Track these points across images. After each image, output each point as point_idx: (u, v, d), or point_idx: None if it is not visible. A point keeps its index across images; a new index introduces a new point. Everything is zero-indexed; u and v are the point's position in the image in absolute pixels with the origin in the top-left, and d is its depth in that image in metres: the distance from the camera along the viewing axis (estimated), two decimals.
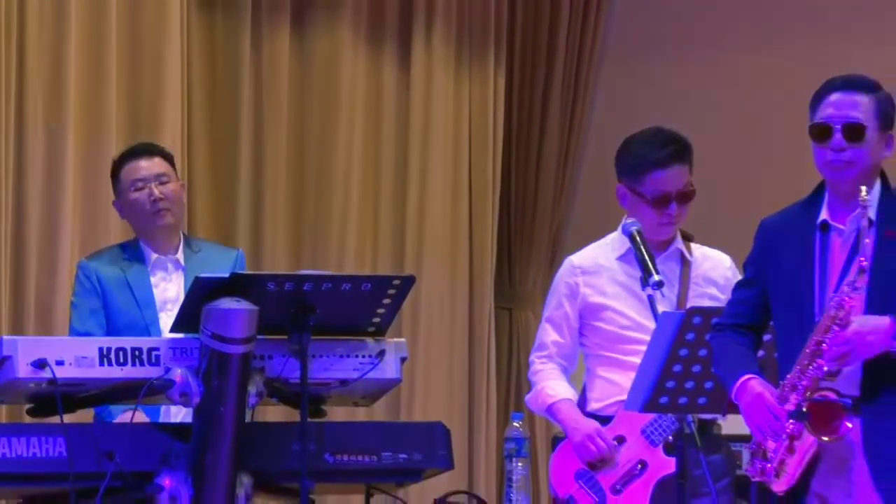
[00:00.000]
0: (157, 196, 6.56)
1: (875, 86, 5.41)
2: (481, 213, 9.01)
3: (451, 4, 8.89)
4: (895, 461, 5.29)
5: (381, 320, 6.29)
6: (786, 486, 5.28)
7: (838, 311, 5.23)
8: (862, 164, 5.34)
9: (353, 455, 6.34)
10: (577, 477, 6.29)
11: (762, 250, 5.49)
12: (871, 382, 5.31)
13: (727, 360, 5.47)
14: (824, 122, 5.34)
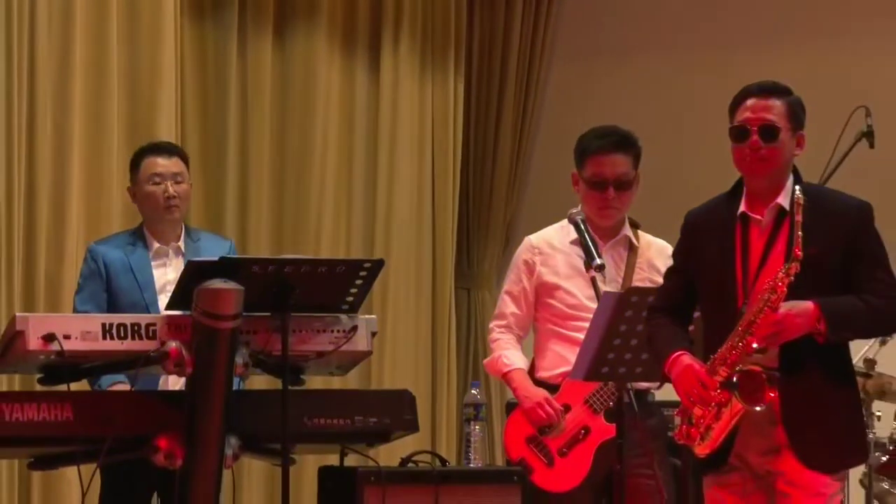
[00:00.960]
0: (170, 193, 6.56)
1: (787, 91, 5.44)
2: (443, 204, 9.01)
3: (416, 17, 8.89)
4: (807, 426, 5.31)
5: (353, 299, 6.29)
6: (708, 450, 5.30)
7: (771, 295, 5.22)
8: (776, 162, 5.35)
9: (329, 419, 6.34)
10: (528, 441, 6.31)
11: (688, 240, 5.50)
12: (789, 357, 5.32)
13: (661, 340, 5.46)
14: (742, 124, 5.36)
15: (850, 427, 5.41)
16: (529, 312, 6.39)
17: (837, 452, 5.36)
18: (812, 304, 5.23)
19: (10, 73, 7.26)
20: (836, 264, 5.32)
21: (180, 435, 5.97)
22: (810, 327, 5.23)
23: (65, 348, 5.92)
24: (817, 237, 5.30)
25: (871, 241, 5.36)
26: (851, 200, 5.42)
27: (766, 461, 5.39)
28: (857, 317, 5.29)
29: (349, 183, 8.71)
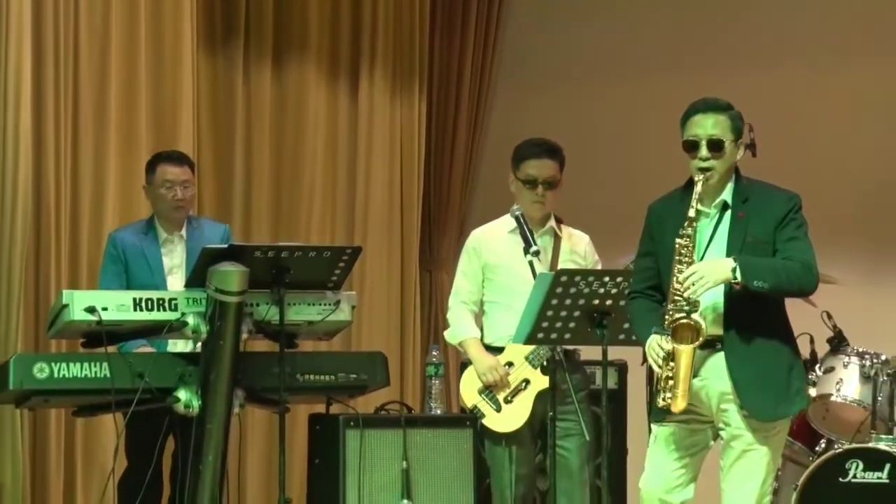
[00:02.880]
0: (179, 197, 6.56)
1: (728, 106, 5.35)
2: (409, 202, 8.99)
3: (388, 50, 8.86)
4: (753, 383, 5.22)
5: (337, 278, 6.30)
6: (684, 403, 5.13)
7: (681, 257, 5.17)
8: (722, 169, 5.26)
9: (317, 375, 6.35)
10: (480, 392, 6.31)
11: (652, 227, 5.39)
12: (730, 322, 5.22)
13: (640, 322, 5.34)
14: (692, 138, 5.27)
15: (790, 380, 5.29)
16: (479, 289, 6.39)
17: (777, 402, 5.26)
18: (730, 258, 5.15)
19: (58, 99, 7.23)
20: (773, 241, 5.25)
21: (197, 388, 5.96)
22: (726, 274, 5.11)
23: (103, 318, 5.91)
24: (758, 222, 5.26)
25: (795, 221, 5.28)
26: (783, 192, 5.35)
27: (717, 409, 5.27)
28: (769, 269, 5.17)
29: (333, 184, 8.69)
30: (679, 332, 5.14)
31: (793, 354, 5.34)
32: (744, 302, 5.17)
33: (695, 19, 9.14)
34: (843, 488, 6.77)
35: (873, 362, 7.17)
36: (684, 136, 5.29)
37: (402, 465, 6.63)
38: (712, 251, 5.25)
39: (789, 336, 5.35)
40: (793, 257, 5.21)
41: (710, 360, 5.23)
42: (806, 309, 7.48)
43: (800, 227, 5.27)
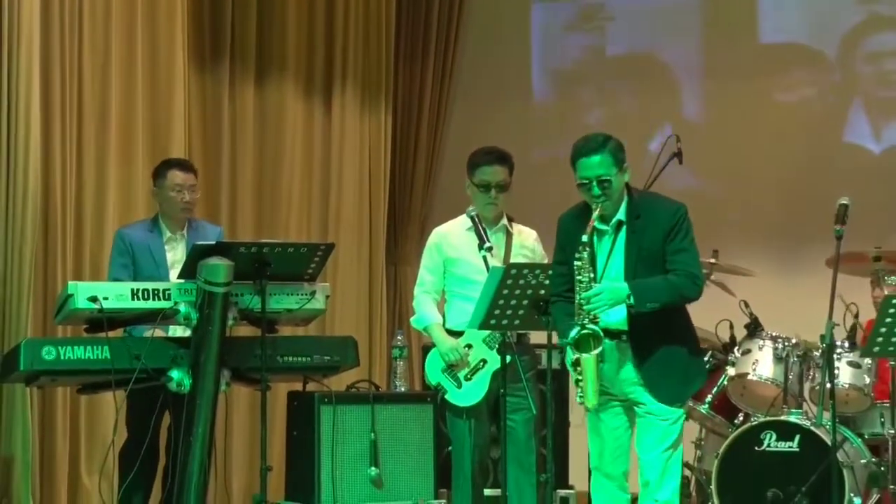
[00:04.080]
0: (187, 200, 6.51)
1: (606, 141, 5.30)
2: (376, 204, 8.96)
3: (358, 71, 8.84)
4: (656, 371, 5.28)
5: (313, 271, 6.26)
6: (595, 402, 5.19)
7: (580, 274, 5.21)
8: (613, 196, 5.29)
9: (295, 357, 6.31)
10: (443, 371, 6.27)
11: (563, 237, 5.42)
12: (636, 318, 5.25)
13: (561, 326, 5.36)
14: (583, 181, 5.27)
15: (688, 367, 5.34)
16: (440, 280, 6.35)
17: (679, 387, 5.32)
18: (626, 285, 5.20)
19: (64, 112, 7.16)
20: (664, 250, 5.27)
21: (188, 369, 5.90)
22: (622, 298, 5.17)
23: (104, 307, 5.84)
24: (649, 235, 5.28)
25: (682, 232, 5.28)
26: (672, 203, 5.35)
27: (628, 393, 5.34)
28: (658, 290, 5.20)
29: (309, 189, 8.66)
30: (582, 343, 5.18)
31: (692, 343, 5.40)
32: None
33: (636, 38, 9.15)
34: (758, 456, 6.78)
35: (785, 345, 7.18)
36: (577, 178, 5.29)
37: (370, 436, 6.61)
38: (612, 265, 5.30)
39: (688, 326, 5.41)
40: (679, 270, 5.25)
41: (620, 350, 5.29)
42: (726, 297, 7.51)
43: (686, 237, 5.29)
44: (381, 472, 6.62)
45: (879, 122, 8.72)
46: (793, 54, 8.84)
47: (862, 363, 7.02)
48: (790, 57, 8.84)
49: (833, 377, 6.56)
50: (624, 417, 5.37)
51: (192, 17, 7.90)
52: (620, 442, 5.35)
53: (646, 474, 5.30)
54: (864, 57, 8.74)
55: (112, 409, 6.68)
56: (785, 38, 8.88)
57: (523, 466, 6.11)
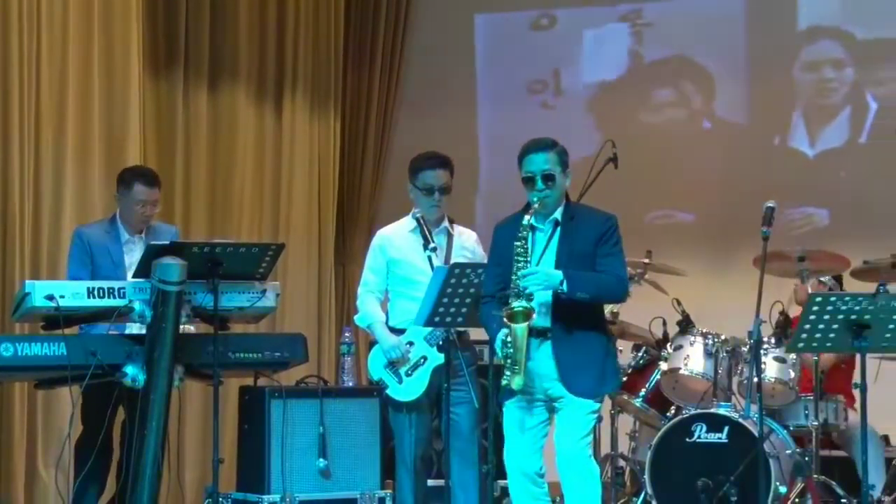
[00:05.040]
0: (149, 214, 6.47)
1: (554, 143, 5.48)
2: (326, 206, 8.96)
3: (308, 78, 8.83)
4: (574, 368, 5.38)
5: (264, 270, 6.23)
6: (521, 382, 5.28)
7: (518, 256, 5.31)
8: (554, 196, 5.43)
9: (246, 353, 6.28)
10: (385, 367, 6.26)
11: (499, 241, 5.52)
12: (557, 315, 5.37)
13: (491, 325, 5.44)
14: (529, 174, 5.40)
15: (604, 365, 5.45)
16: (384, 280, 6.34)
17: (596, 384, 5.42)
18: (561, 271, 5.32)
19: (22, 118, 7.13)
20: (594, 255, 5.39)
21: (142, 364, 5.87)
22: (556, 282, 5.28)
23: (60, 305, 5.80)
24: (581, 237, 5.41)
25: (612, 239, 5.43)
26: (604, 214, 5.50)
27: (547, 388, 5.42)
28: (589, 282, 5.33)
29: (261, 191, 8.64)
30: (514, 317, 5.27)
31: (607, 344, 5.51)
32: (569, 301, 5.33)
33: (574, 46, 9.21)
34: (689, 447, 6.82)
35: (715, 341, 7.24)
36: (522, 173, 5.43)
37: (319, 429, 6.59)
38: (545, 261, 5.41)
39: (605, 328, 5.54)
40: (608, 271, 5.38)
41: (541, 347, 5.38)
42: (659, 296, 7.56)
43: (616, 245, 5.43)
44: (329, 464, 6.61)
45: (815, 128, 8.80)
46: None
47: (787, 358, 7.09)
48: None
49: (760, 372, 6.64)
50: (545, 416, 5.46)
51: (146, 24, 7.87)
52: (536, 438, 5.45)
53: (564, 467, 5.37)
54: (804, 65, 8.82)
55: (68, 403, 6.62)
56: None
57: (466, 458, 6.12)
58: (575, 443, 5.36)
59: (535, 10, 9.26)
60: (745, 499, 6.54)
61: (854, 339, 5.50)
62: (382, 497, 6.69)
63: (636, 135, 8.77)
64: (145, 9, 7.80)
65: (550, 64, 9.20)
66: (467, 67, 9.42)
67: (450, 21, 9.48)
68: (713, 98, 8.96)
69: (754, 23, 8.85)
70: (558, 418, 5.43)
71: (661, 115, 9.01)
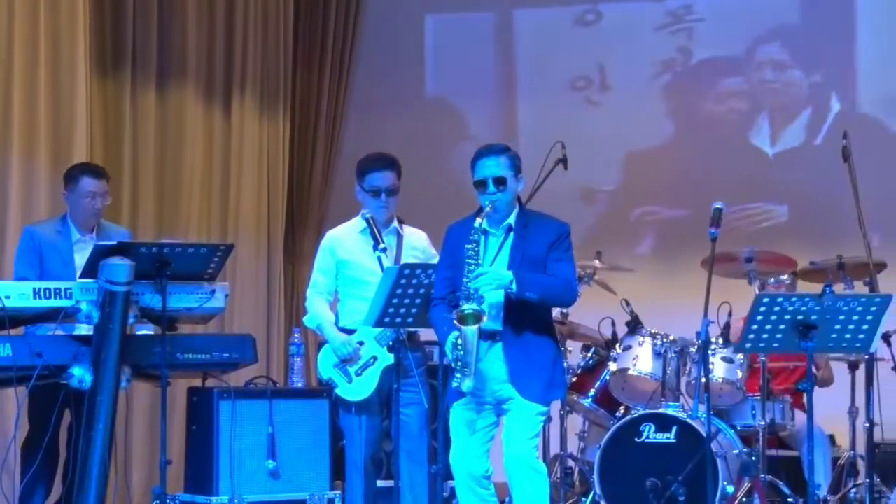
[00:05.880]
0: (99, 206, 6.43)
1: (506, 148, 5.55)
2: (275, 206, 8.94)
3: (257, 77, 8.80)
4: (524, 370, 5.42)
5: (212, 271, 6.22)
6: (471, 384, 5.31)
7: (469, 259, 5.35)
8: (506, 199, 5.49)
9: (195, 354, 6.27)
10: (335, 366, 6.26)
11: (450, 245, 5.56)
12: (507, 319, 5.41)
13: (441, 327, 5.47)
14: (481, 178, 5.46)
15: (553, 371, 5.50)
16: (333, 282, 6.34)
17: (544, 388, 5.46)
18: (511, 272, 5.37)
19: None
20: (545, 259, 5.44)
21: (89, 365, 5.84)
22: (506, 282, 5.33)
23: (6, 305, 5.75)
24: (534, 242, 5.47)
25: (564, 245, 5.49)
26: (556, 220, 5.56)
27: (496, 390, 5.45)
28: (538, 284, 5.38)
29: (209, 191, 8.60)
30: (465, 319, 5.30)
31: (556, 349, 5.56)
32: (518, 305, 5.38)
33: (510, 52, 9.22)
34: (638, 447, 6.87)
35: (663, 342, 7.29)
36: (475, 177, 5.48)
37: (268, 430, 6.58)
38: (498, 264, 5.45)
39: (553, 334, 5.58)
40: (558, 275, 5.43)
41: (491, 350, 5.42)
42: (608, 296, 7.60)
43: (567, 251, 5.50)
44: (278, 465, 6.60)
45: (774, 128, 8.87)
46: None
47: (735, 358, 7.14)
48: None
49: (708, 372, 6.69)
50: (493, 418, 5.50)
51: (93, 23, 7.82)
52: (484, 440, 5.48)
53: (512, 469, 5.39)
54: (770, 64, 8.88)
55: (14, 404, 6.56)
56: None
57: (415, 458, 6.13)
58: (522, 444, 5.38)
59: (576, 6, 9.10)
60: (693, 498, 6.59)
61: (801, 339, 5.55)
62: (332, 498, 6.69)
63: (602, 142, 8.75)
64: (92, 7, 7.75)
65: (596, 60, 9.05)
66: (418, 66, 9.42)
67: (401, 20, 9.48)
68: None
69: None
70: (506, 419, 5.46)
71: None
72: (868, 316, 5.54)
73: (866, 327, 5.56)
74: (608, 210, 8.97)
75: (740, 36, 8.84)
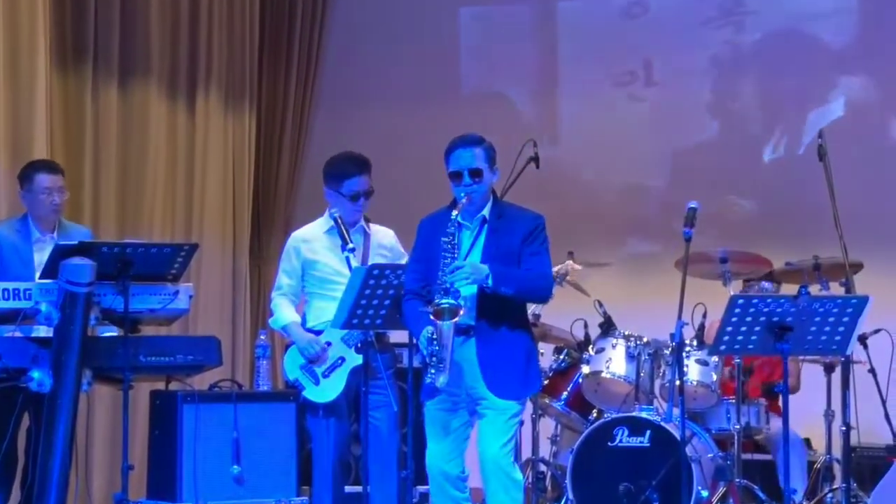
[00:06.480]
0: (57, 202, 6.40)
1: (482, 139, 5.54)
2: (241, 205, 8.91)
3: (222, 71, 8.77)
4: (497, 367, 5.43)
5: (176, 271, 6.21)
6: (445, 379, 5.32)
7: (445, 252, 5.35)
8: (481, 191, 5.49)
9: (158, 357, 6.25)
10: (301, 368, 6.25)
11: (423, 238, 5.55)
12: (481, 314, 5.40)
13: (414, 321, 5.47)
14: (456, 170, 5.46)
15: (528, 365, 5.51)
16: (299, 283, 6.33)
17: (519, 384, 5.46)
18: (487, 265, 5.38)
19: None
20: (521, 251, 5.45)
21: (48, 368, 5.80)
22: (482, 276, 5.34)
23: None
24: (508, 235, 5.46)
25: (539, 238, 5.49)
26: (531, 213, 5.56)
27: (469, 387, 5.44)
28: (515, 279, 5.39)
29: (174, 190, 8.56)
30: (441, 313, 5.30)
31: (530, 343, 5.57)
32: (493, 299, 5.39)
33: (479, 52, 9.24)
34: (611, 451, 6.87)
35: (637, 344, 7.29)
36: (449, 168, 5.49)
37: (233, 435, 6.56)
38: (472, 257, 5.46)
39: (528, 328, 5.59)
40: (533, 269, 5.44)
41: (465, 346, 5.42)
42: (581, 297, 7.60)
43: (542, 244, 5.50)
44: (244, 471, 6.57)
45: None
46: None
47: (709, 361, 7.16)
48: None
49: (682, 375, 6.70)
50: (467, 418, 5.49)
51: (53, 17, 7.77)
52: (459, 440, 5.48)
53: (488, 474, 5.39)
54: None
55: None
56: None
57: (385, 463, 6.12)
58: (498, 449, 5.38)
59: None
60: (668, 503, 6.59)
61: (776, 341, 5.56)
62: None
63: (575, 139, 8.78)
64: (52, 2, 7.71)
65: (641, 53, 8.95)
66: (387, 64, 9.41)
67: (369, 17, 9.46)
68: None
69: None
70: (481, 424, 5.46)
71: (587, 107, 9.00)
72: (844, 318, 5.56)
73: (843, 329, 5.58)
74: (656, 206, 8.88)
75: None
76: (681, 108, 8.83)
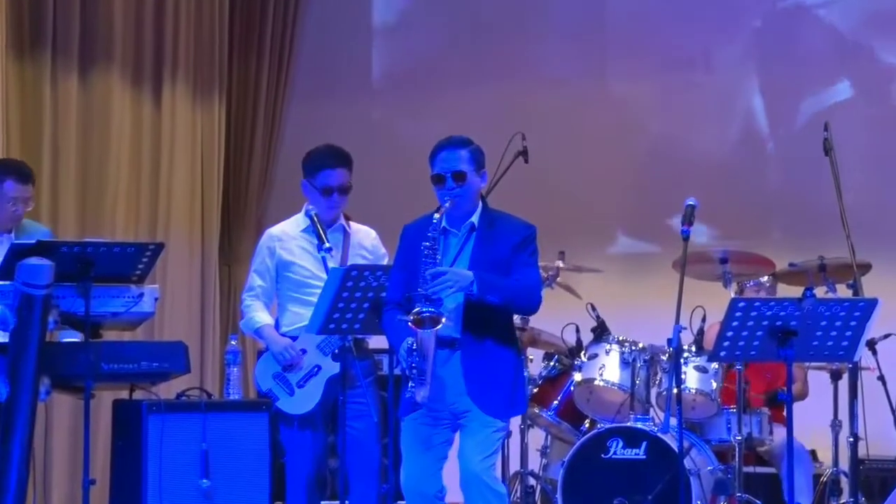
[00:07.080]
0: (21, 213, 6.38)
1: (468, 142, 5.52)
2: (210, 201, 8.90)
3: (189, 59, 8.76)
4: (483, 382, 5.41)
5: (140, 272, 6.21)
6: (425, 393, 5.31)
7: (426, 258, 5.34)
8: (466, 196, 5.47)
9: (122, 364, 6.24)
10: (274, 377, 6.23)
11: (406, 246, 5.53)
12: (467, 326, 5.41)
13: (395, 332, 5.44)
14: (439, 173, 5.45)
15: (515, 384, 5.50)
16: (272, 285, 6.31)
17: (505, 403, 5.46)
18: (472, 272, 5.36)
19: None
20: (510, 261, 5.44)
21: (4, 376, 5.79)
22: (467, 284, 5.32)
23: None
24: (498, 244, 5.46)
25: (529, 248, 5.49)
26: (523, 222, 5.55)
27: (452, 403, 5.45)
28: (501, 288, 5.38)
29: (137, 185, 8.55)
30: (422, 322, 5.29)
31: (517, 360, 5.56)
32: (479, 311, 5.38)
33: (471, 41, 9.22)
34: (605, 464, 6.87)
35: (632, 350, 7.30)
36: (432, 171, 5.47)
37: (202, 447, 6.53)
38: (458, 265, 5.44)
39: (515, 343, 5.58)
40: (521, 280, 5.44)
41: (449, 360, 5.41)
42: (572, 300, 7.60)
43: (532, 255, 5.50)
44: (213, 485, 6.55)
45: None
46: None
47: (709, 368, 7.16)
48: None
49: (680, 382, 6.70)
50: (449, 434, 5.49)
51: (9, 5, 7.75)
52: (437, 457, 5.47)
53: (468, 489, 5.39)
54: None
55: None
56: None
57: (363, 477, 6.11)
58: (479, 462, 5.38)
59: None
60: None
61: (780, 346, 5.56)
62: None
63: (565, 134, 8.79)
64: None
65: (700, 41, 8.94)
66: (364, 55, 9.41)
67: (345, 5, 9.46)
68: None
69: None
70: (462, 435, 5.45)
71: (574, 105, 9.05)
72: (852, 322, 5.57)
73: (850, 334, 5.58)
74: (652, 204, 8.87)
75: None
76: (730, 97, 8.84)
